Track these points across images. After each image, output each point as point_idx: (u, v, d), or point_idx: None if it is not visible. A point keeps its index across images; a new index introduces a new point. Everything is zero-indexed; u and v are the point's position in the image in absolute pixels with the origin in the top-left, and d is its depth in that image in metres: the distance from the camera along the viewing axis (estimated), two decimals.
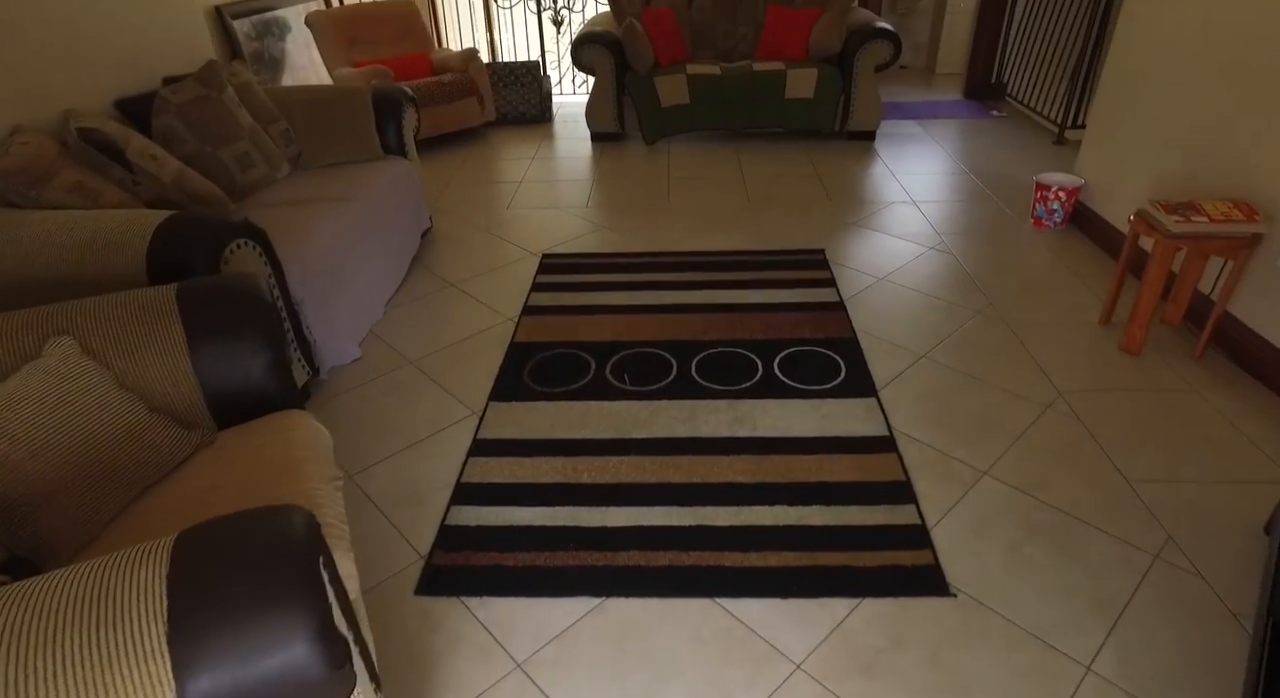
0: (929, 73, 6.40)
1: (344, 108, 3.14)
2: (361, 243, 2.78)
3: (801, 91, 4.42)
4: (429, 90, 4.56)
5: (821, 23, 4.44)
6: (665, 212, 3.72)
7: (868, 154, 4.43)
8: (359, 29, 4.77)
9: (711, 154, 4.50)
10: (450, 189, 4.15)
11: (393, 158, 3.25)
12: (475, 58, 4.79)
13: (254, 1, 4.50)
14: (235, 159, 2.86)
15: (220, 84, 2.87)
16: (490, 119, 4.98)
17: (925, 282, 2.99)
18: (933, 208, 3.67)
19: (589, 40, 4.41)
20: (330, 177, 3.03)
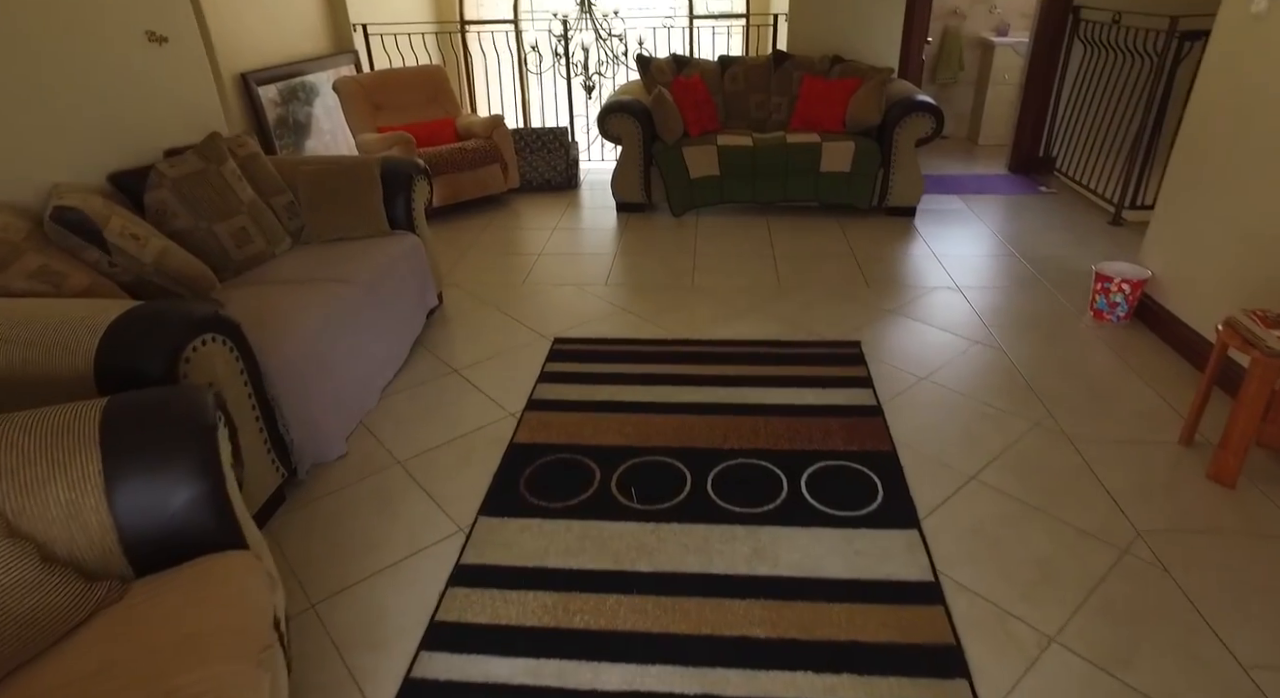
0: (971, 144, 6.17)
1: (350, 181, 2.99)
2: (356, 329, 2.58)
3: (837, 165, 4.21)
4: (451, 157, 4.45)
5: (859, 95, 4.26)
6: (689, 293, 3.49)
7: (907, 232, 4.17)
8: (385, 95, 4.72)
9: (741, 229, 4.29)
10: (466, 259, 3.98)
11: (400, 233, 3.08)
12: (500, 124, 4.68)
13: (283, 67, 4.47)
14: (231, 235, 2.70)
15: (221, 157, 2.74)
16: (514, 186, 4.85)
17: (973, 383, 2.69)
18: (979, 295, 3.38)
19: (616, 109, 4.28)
20: (331, 253, 2.86)
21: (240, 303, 2.42)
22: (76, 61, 2.46)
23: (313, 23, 4.82)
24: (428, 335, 3.18)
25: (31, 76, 2.30)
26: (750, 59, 4.68)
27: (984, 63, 6.03)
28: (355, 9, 5.10)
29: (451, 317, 3.35)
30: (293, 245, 2.98)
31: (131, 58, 2.68)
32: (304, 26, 4.73)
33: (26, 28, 2.28)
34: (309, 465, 2.33)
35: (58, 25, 2.39)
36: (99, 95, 2.54)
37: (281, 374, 2.16)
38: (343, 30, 5.07)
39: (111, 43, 2.59)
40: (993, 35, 5.97)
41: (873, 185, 4.25)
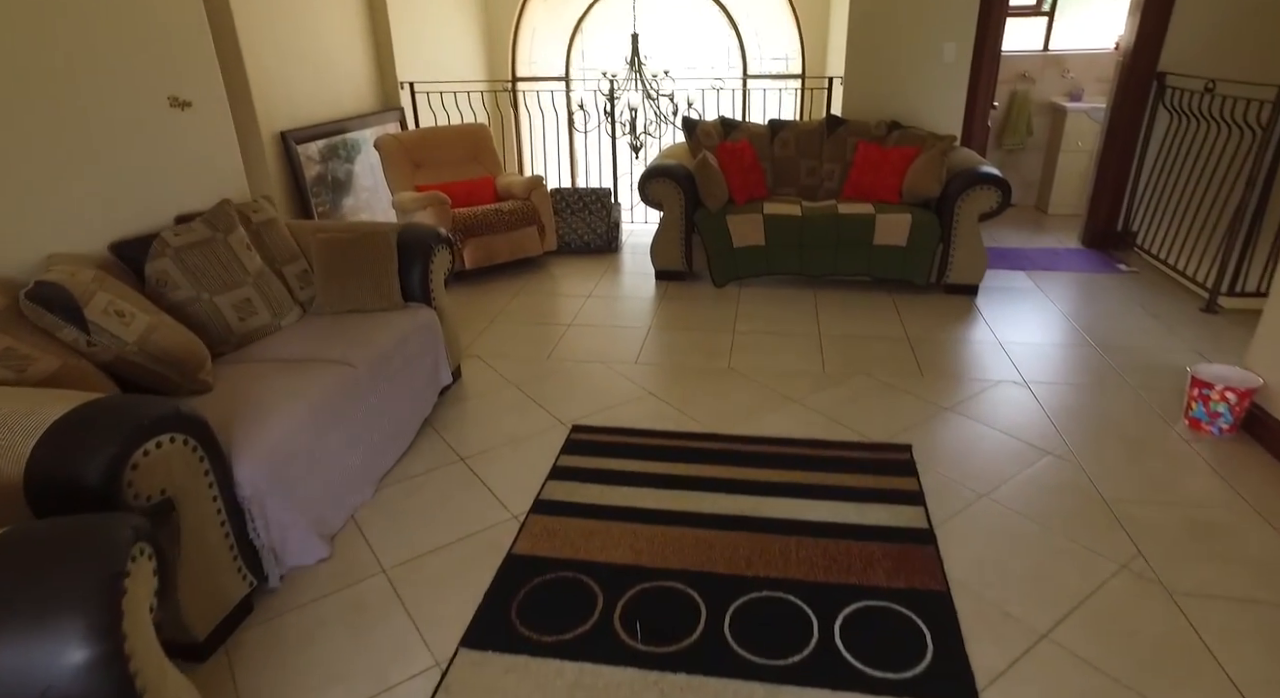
0: (1040, 214, 5.80)
1: (364, 251, 2.83)
2: (354, 416, 2.37)
3: (893, 238, 3.91)
4: (486, 219, 4.32)
5: (918, 164, 3.97)
6: (724, 378, 3.21)
7: (968, 313, 3.82)
8: (425, 153, 4.64)
9: (786, 304, 4.00)
10: (493, 327, 3.79)
11: (414, 307, 2.90)
12: (539, 185, 4.54)
13: (326, 125, 4.44)
14: (234, 306, 2.56)
15: (230, 225, 2.61)
16: (550, 249, 4.68)
17: (1043, 506, 2.32)
18: (1050, 392, 3.01)
19: (658, 174, 4.09)
20: (339, 327, 2.69)
21: (228, 385, 2.25)
22: (85, 128, 2.37)
23: (360, 81, 4.81)
24: (439, 415, 2.96)
25: (32, 142, 2.20)
26: (801, 123, 4.46)
27: (1055, 129, 5.69)
28: (404, 67, 5.09)
29: (468, 394, 3.13)
30: (302, 316, 2.82)
31: (148, 123, 2.59)
32: (351, 85, 4.72)
33: (31, 91, 2.20)
34: (286, 569, 2.11)
35: (66, 90, 2.31)
36: (108, 162, 2.45)
37: (259, 472, 1.95)
38: (390, 88, 5.06)
39: (127, 108, 2.51)
40: (1065, 100, 5.64)
41: (930, 261, 3.93)
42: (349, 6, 4.64)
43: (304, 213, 4.24)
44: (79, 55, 2.34)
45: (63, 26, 2.28)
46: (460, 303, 4.13)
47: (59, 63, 2.27)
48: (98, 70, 2.40)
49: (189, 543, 1.76)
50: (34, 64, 2.20)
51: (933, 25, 4.37)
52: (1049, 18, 5.79)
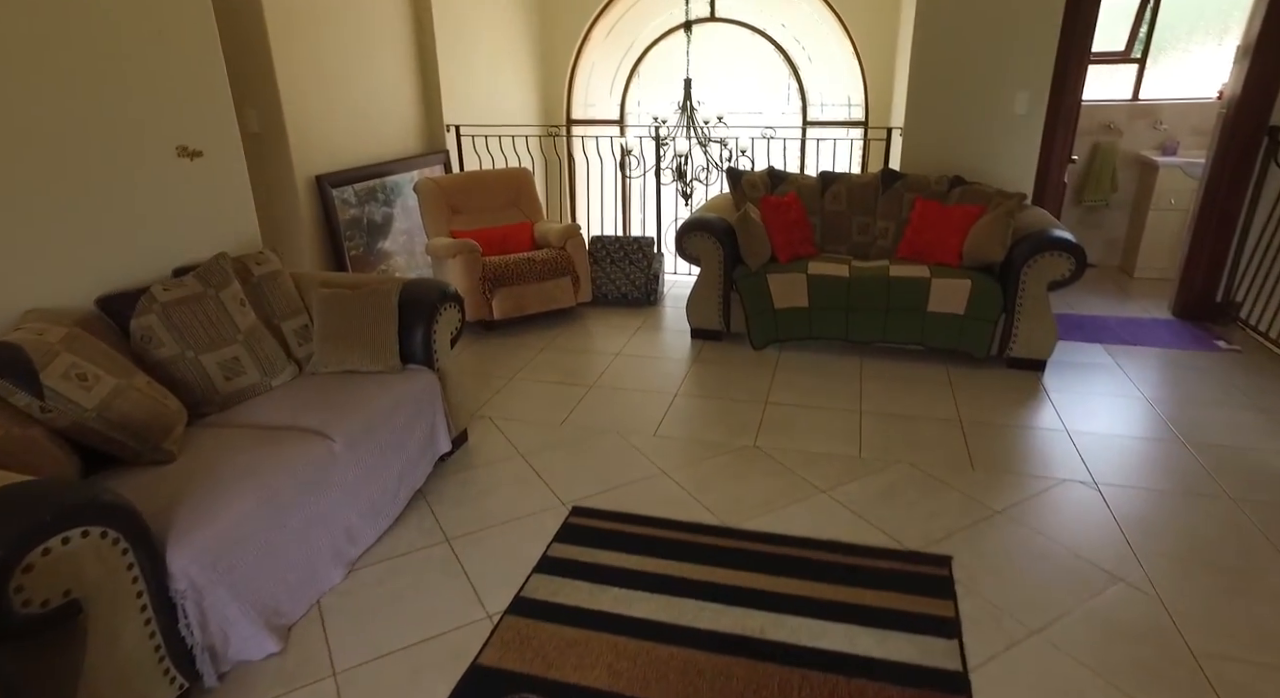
0: (1124, 276, 5.29)
1: (363, 309, 2.68)
2: (327, 493, 2.19)
3: (949, 305, 3.55)
4: (517, 268, 4.16)
5: (981, 224, 3.62)
6: (748, 458, 2.91)
7: (1033, 393, 3.41)
8: (463, 197, 4.55)
9: (828, 373, 3.68)
10: (512, 385, 3.60)
11: (414, 370, 2.72)
12: (575, 234, 4.38)
13: (368, 167, 4.41)
14: (221, 365, 2.43)
15: (223, 280, 2.50)
16: (585, 300, 4.49)
17: (1112, 655, 1.93)
18: (1125, 498, 2.59)
19: (696, 228, 3.85)
20: (330, 390, 2.53)
21: (194, 454, 2.10)
22: (81, 177, 2.30)
23: (406, 123, 4.78)
24: (435, 485, 2.76)
25: (18, 191, 2.14)
26: (855, 177, 4.16)
27: (1143, 184, 5.20)
28: (452, 109, 5.05)
29: (469, 463, 2.93)
30: (297, 375, 2.68)
31: (151, 173, 2.52)
32: (396, 128, 4.69)
33: (22, 138, 2.14)
34: (229, 666, 1.92)
35: (62, 137, 2.25)
36: (104, 212, 2.38)
37: (197, 563, 1.78)
38: (435, 131, 5.03)
39: (128, 158, 2.45)
40: (1156, 154, 5.15)
41: (991, 332, 3.54)
42: (397, 49, 4.63)
43: (336, 257, 4.19)
44: (80, 102, 2.29)
45: (65, 74, 2.23)
46: (483, 356, 3.97)
47: (53, 109, 2.22)
48: (99, 118, 2.35)
49: (99, 650, 1.58)
50: (26, 110, 2.14)
51: (1003, 73, 4.03)
52: (1139, 65, 5.34)
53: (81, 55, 2.29)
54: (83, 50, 2.29)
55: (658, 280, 4.72)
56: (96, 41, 2.32)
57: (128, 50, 2.42)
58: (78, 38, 2.27)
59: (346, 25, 4.17)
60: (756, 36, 6.00)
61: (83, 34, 2.28)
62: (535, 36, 6.07)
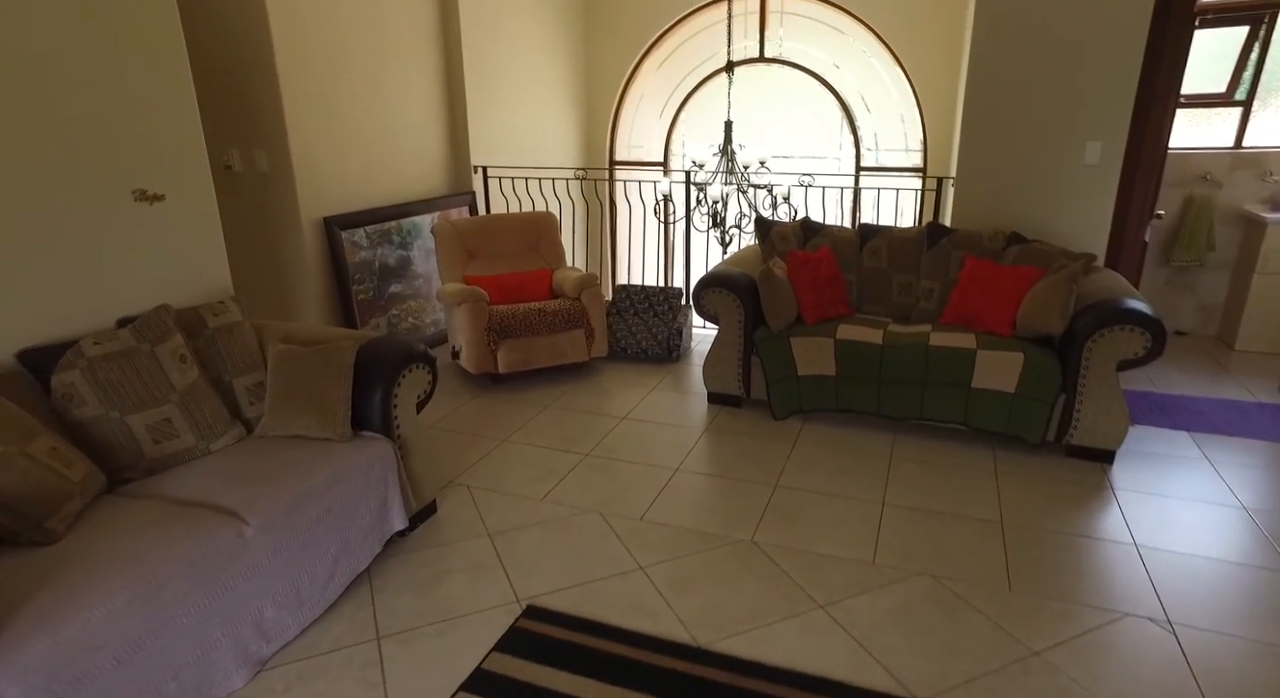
0: (1223, 348, 4.62)
1: (315, 368, 2.45)
2: (233, 583, 1.93)
3: (997, 382, 3.08)
4: (526, 319, 3.90)
5: (1039, 289, 3.14)
6: (740, 556, 2.52)
7: (1097, 492, 2.89)
8: (480, 241, 4.35)
9: (853, 451, 3.24)
10: (503, 448, 3.31)
11: (368, 438, 2.46)
12: (591, 284, 4.10)
13: (387, 208, 4.27)
14: (149, 427, 2.23)
15: (162, 334, 2.31)
16: (600, 355, 4.19)
17: None
18: (1211, 648, 2.07)
19: (715, 283, 3.51)
20: (268, 458, 2.30)
21: (83, 534, 1.88)
22: (11, 221, 2.16)
23: (429, 163, 4.65)
24: (384, 566, 2.48)
25: None
26: (898, 230, 3.75)
27: (1247, 244, 4.56)
28: (482, 150, 4.90)
29: (430, 540, 2.64)
30: (243, 438, 2.46)
31: (99, 217, 2.37)
32: (419, 167, 4.56)
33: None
34: None
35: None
36: (36, 259, 2.23)
37: (29, 679, 1.52)
38: (462, 171, 4.88)
39: (71, 200, 2.30)
40: (1264, 209, 4.52)
41: (1047, 415, 3.04)
42: (423, 87, 4.51)
43: (343, 300, 4.03)
44: (17, 143, 2.15)
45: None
46: (481, 412, 3.70)
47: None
48: (36, 156, 2.21)
49: None
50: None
51: (1072, 119, 3.56)
52: (1244, 109, 4.74)
53: (17, 90, 2.16)
54: (20, 85, 2.16)
55: (681, 336, 4.38)
56: (39, 75, 2.20)
57: (78, 88, 2.29)
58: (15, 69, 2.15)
59: (366, 63, 4.07)
60: (807, 77, 5.67)
61: (22, 65, 2.16)
62: (578, 74, 5.92)
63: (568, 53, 5.70)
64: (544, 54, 5.40)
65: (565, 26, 5.63)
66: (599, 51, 5.93)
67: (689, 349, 4.51)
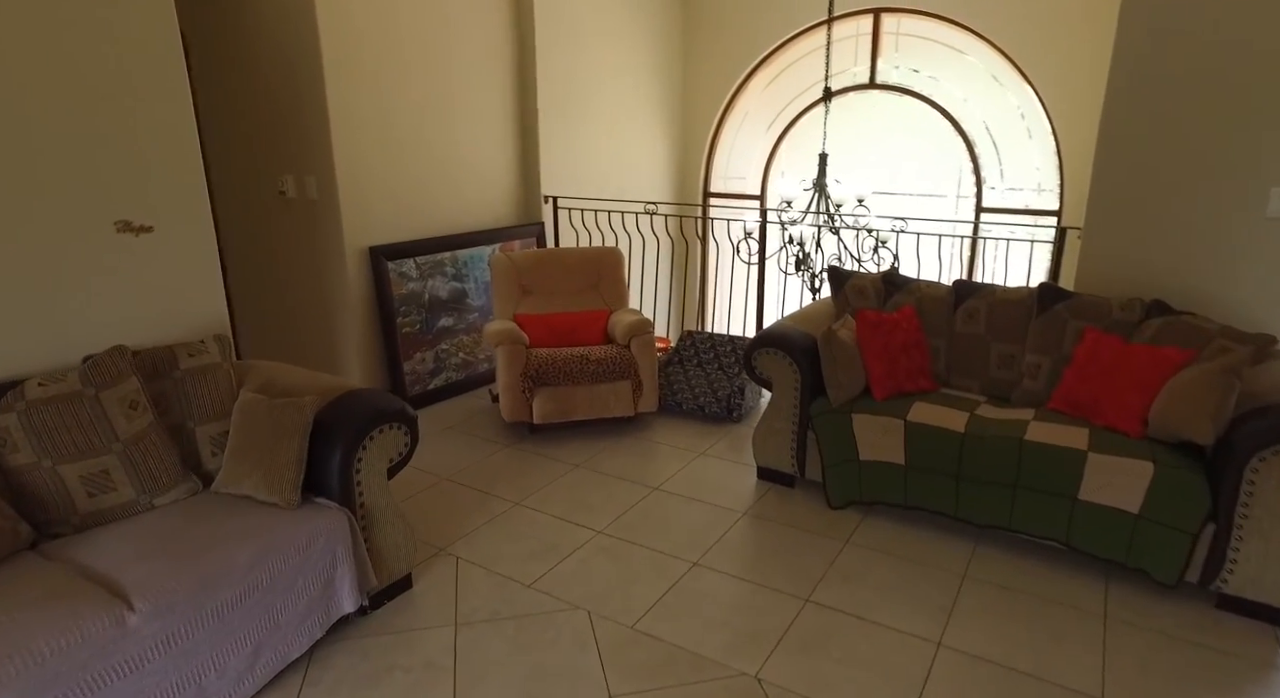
0: None
1: (274, 422, 2.20)
2: (105, 683, 1.68)
3: (1114, 496, 2.38)
4: (566, 367, 3.56)
5: (1187, 379, 2.41)
6: (737, 696, 2.01)
7: (1260, 669, 2.12)
8: (536, 277, 4.06)
9: (918, 559, 2.63)
10: (513, 513, 2.97)
11: (319, 506, 2.18)
12: (642, 331, 3.69)
13: (443, 238, 4.10)
14: (84, 479, 2.06)
15: (111, 378, 2.14)
16: (649, 410, 3.77)
17: None
18: None
19: (770, 343, 3.01)
20: (204, 522, 2.07)
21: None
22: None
23: (495, 191, 4.44)
24: (328, 652, 2.18)
25: None
26: (1002, 290, 3.08)
27: None
28: (559, 177, 4.64)
29: (389, 625, 2.32)
30: (197, 492, 2.25)
31: (74, 250, 2.26)
32: (483, 195, 4.36)
33: None
34: None
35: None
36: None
37: None
38: (532, 201, 4.64)
39: (42, 232, 2.19)
40: None
41: (1188, 549, 2.30)
42: (492, 109, 4.32)
43: (386, 333, 3.87)
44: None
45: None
46: (505, 466, 3.38)
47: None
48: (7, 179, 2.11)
49: None
50: None
51: (1249, 157, 2.77)
52: None
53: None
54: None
55: (743, 394, 3.87)
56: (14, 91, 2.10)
57: (58, 107, 2.18)
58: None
59: (427, 84, 3.91)
60: (924, 105, 5.02)
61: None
62: (670, 98, 5.57)
63: (660, 75, 5.38)
64: (632, 76, 5.10)
65: (660, 47, 5.31)
66: (697, 74, 5.57)
67: (752, 409, 3.99)
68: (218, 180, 4.11)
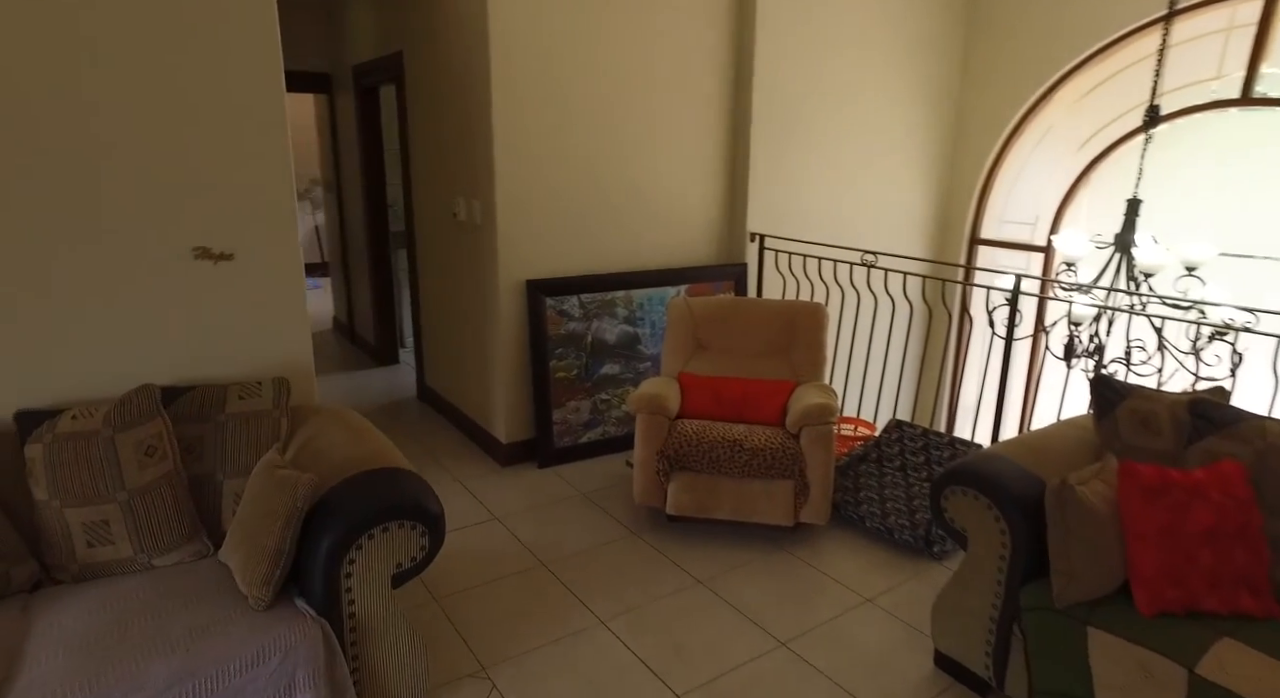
0: None
1: (267, 498, 1.85)
2: None
3: None
4: (713, 450, 2.85)
5: None
6: None
7: None
8: (716, 331, 3.40)
9: None
10: (582, 639, 2.36)
11: (292, 613, 1.78)
12: (819, 418, 2.82)
13: (608, 276, 3.64)
14: (85, 527, 1.89)
15: (132, 420, 1.95)
16: (815, 521, 2.89)
17: None
18: None
19: (971, 480, 2.02)
20: (167, 603, 1.78)
21: None
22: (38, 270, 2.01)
23: (692, 225, 3.86)
24: None
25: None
26: None
27: None
28: (770, 210, 3.93)
29: None
30: (205, 555, 2.00)
31: (148, 275, 2.13)
32: (676, 230, 3.81)
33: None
34: None
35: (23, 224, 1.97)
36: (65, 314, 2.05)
37: None
38: (736, 239, 3.97)
39: (118, 255, 2.08)
40: None
41: None
42: (695, 129, 3.74)
43: (538, 378, 3.48)
44: (73, 183, 1.99)
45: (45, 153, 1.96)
46: (611, 562, 2.78)
47: (33, 186, 1.95)
48: (92, 201, 2.02)
49: None
50: None
51: None
52: None
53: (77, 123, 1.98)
54: (82, 118, 1.98)
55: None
56: (106, 104, 2.01)
57: (146, 125, 2.06)
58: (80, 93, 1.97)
59: (614, 103, 3.45)
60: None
61: (89, 90, 1.98)
62: (937, 119, 4.51)
63: (924, 91, 4.36)
64: (883, 93, 4.18)
65: (928, 57, 4.30)
66: (977, 88, 4.44)
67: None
68: (420, 200, 4.08)
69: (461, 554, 2.82)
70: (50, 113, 1.93)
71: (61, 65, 1.92)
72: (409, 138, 4.03)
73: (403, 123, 4.06)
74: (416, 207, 4.11)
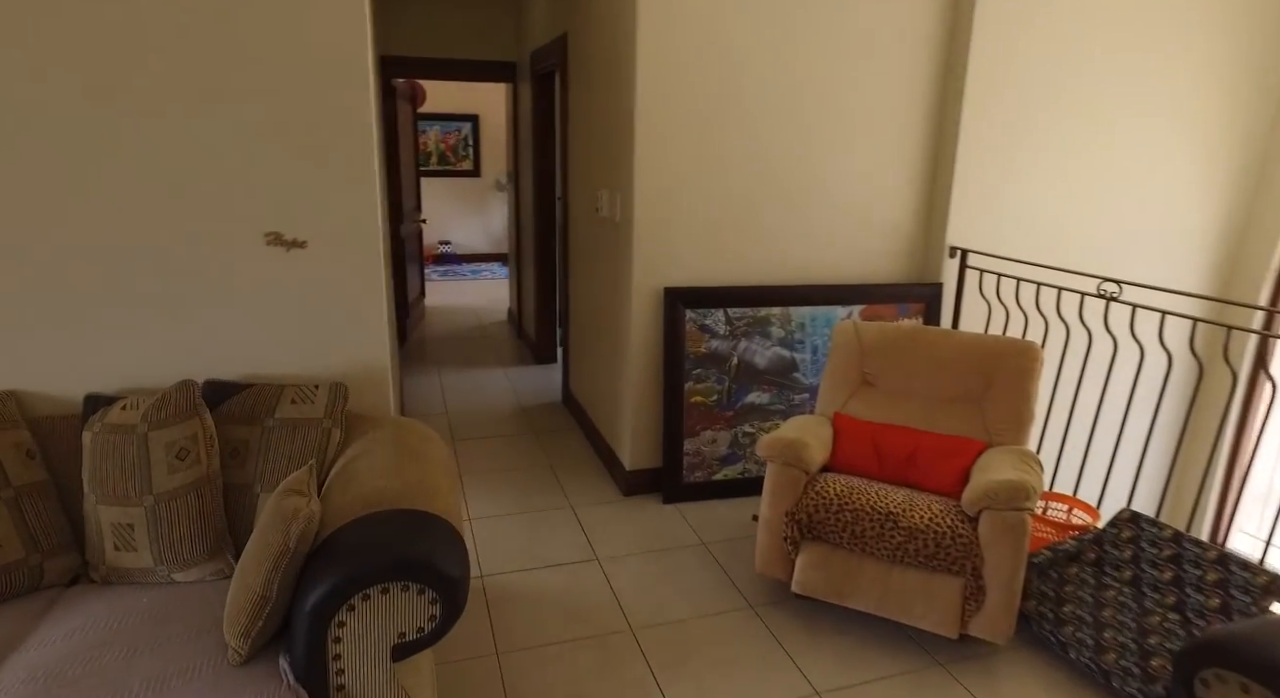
0: None
1: (262, 543, 1.56)
2: None
3: None
4: (858, 522, 2.21)
5: None
6: None
7: None
8: (885, 364, 2.74)
9: None
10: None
11: (269, 674, 1.48)
12: (1007, 500, 2.07)
13: (767, 289, 3.10)
14: (113, 528, 1.78)
15: (168, 417, 1.80)
16: (994, 638, 2.13)
17: None
18: None
19: (1235, 659, 1.25)
20: (151, 634, 1.57)
21: None
22: (116, 252, 1.91)
23: (876, 233, 3.18)
24: None
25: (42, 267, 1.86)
26: None
27: None
28: (989, 225, 3.15)
29: None
30: (230, 575, 1.79)
31: (221, 260, 1.97)
32: (856, 238, 3.16)
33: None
34: None
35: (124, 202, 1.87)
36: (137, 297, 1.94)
37: None
38: (932, 252, 3.22)
39: (195, 240, 1.94)
40: None
41: None
42: (881, 119, 3.06)
43: (669, 397, 3.02)
44: (154, 162, 1.87)
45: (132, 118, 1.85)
46: (718, 642, 2.24)
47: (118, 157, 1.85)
48: (169, 182, 1.90)
49: None
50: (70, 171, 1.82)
51: None
52: None
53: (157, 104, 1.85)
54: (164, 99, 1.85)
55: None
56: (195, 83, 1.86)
57: (233, 103, 1.89)
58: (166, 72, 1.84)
59: (782, 88, 2.89)
60: None
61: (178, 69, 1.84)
62: (1237, 105, 3.39)
63: (1226, 72, 3.27)
64: (1150, 70, 3.18)
65: (1233, 26, 3.22)
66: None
67: None
68: (573, 192, 3.80)
69: (544, 599, 2.44)
70: (134, 99, 1.81)
71: (140, 53, 1.79)
72: (567, 124, 3.75)
73: (563, 108, 3.79)
74: (570, 199, 3.83)
